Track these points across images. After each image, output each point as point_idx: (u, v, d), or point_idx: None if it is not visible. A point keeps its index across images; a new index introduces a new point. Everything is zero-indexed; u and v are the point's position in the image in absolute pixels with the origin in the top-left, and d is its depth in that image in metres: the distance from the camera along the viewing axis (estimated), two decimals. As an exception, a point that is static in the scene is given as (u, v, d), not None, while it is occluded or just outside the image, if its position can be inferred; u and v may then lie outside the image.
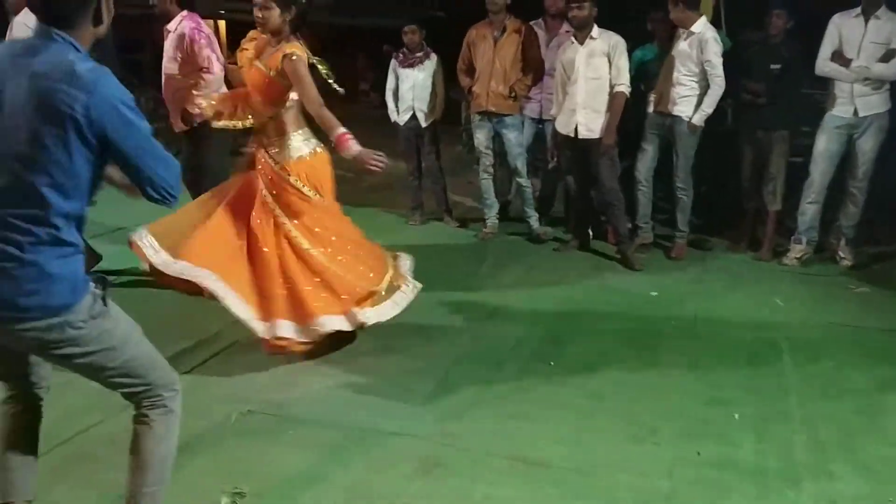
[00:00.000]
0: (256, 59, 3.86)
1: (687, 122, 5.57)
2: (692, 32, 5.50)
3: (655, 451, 3.22)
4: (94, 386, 2.27)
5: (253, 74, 3.85)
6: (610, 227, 6.01)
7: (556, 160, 6.08)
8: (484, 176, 6.34)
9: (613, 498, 2.90)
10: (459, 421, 3.41)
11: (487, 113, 6.09)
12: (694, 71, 5.52)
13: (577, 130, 5.61)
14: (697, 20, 5.53)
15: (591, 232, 6.17)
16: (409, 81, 6.50)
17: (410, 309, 4.03)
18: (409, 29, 6.46)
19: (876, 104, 5.41)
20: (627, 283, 5.42)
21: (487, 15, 6.05)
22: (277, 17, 3.73)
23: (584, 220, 6.16)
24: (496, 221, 6.45)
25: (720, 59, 5.45)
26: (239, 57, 4.16)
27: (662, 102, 5.66)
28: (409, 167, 6.73)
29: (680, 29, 5.58)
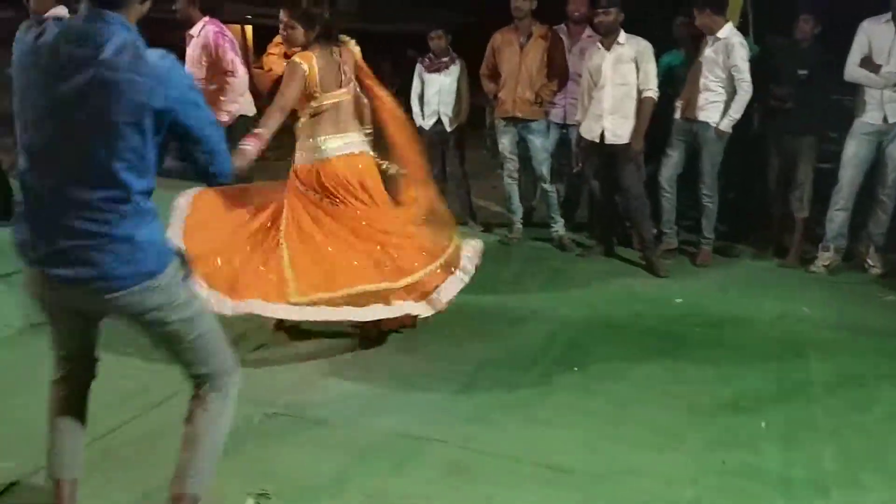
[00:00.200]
0: None
1: (714, 127, 5.53)
2: (718, 38, 5.47)
3: (680, 458, 3.19)
4: (119, 387, 2.30)
5: None
6: (635, 232, 5.98)
7: (580, 165, 6.06)
8: (508, 181, 6.33)
9: (637, 505, 2.88)
10: (483, 425, 3.40)
11: (513, 119, 6.08)
12: (721, 77, 5.49)
13: (603, 136, 5.60)
14: (724, 26, 5.50)
15: (615, 238, 6.15)
16: (434, 86, 6.52)
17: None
18: (435, 34, 6.48)
19: (905, 110, 5.35)
20: (652, 289, 5.39)
21: (512, 21, 6.05)
22: (301, 35, 3.88)
23: (608, 225, 6.14)
24: (521, 227, 6.44)
25: (747, 64, 5.41)
26: (265, 62, 4.19)
27: (689, 108, 5.62)
28: (433, 171, 6.73)
29: (707, 35, 5.55)
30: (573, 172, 6.40)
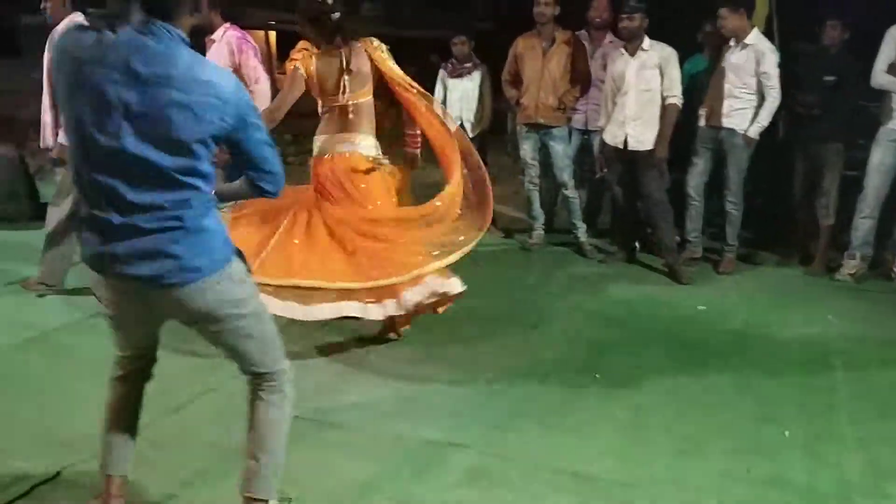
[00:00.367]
0: None
1: (742, 134, 5.50)
2: (746, 44, 5.43)
3: (703, 466, 3.17)
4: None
5: None
6: (657, 239, 5.95)
7: (603, 171, 6.05)
8: (529, 187, 6.32)
9: (660, 513, 2.87)
10: (504, 432, 3.40)
11: (535, 124, 6.07)
12: (748, 83, 5.45)
13: (626, 142, 5.58)
14: (751, 31, 5.47)
15: (637, 244, 6.13)
16: (457, 92, 6.54)
17: (455, 318, 4.02)
18: (458, 40, 6.51)
19: (933, 117, 5.29)
20: (675, 296, 5.35)
21: (533, 26, 6.05)
22: (311, 36, 4.01)
23: (630, 231, 6.11)
24: (542, 232, 6.43)
25: (777, 70, 5.37)
26: (288, 67, 4.21)
27: (714, 116, 5.59)
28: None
29: (732, 40, 5.51)
30: (595, 178, 6.38)
